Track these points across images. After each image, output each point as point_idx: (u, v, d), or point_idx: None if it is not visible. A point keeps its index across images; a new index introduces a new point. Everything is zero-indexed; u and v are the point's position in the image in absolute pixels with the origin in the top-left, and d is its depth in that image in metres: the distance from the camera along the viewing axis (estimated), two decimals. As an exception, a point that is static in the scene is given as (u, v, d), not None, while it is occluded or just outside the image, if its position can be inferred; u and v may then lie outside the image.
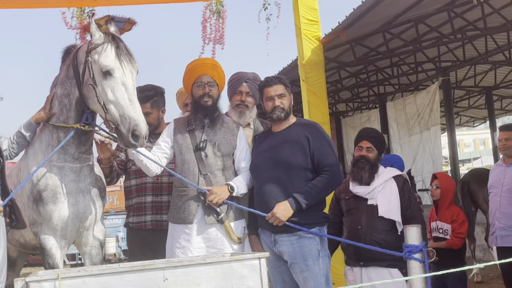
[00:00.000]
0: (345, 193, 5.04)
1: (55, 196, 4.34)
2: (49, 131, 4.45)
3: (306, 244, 4.44)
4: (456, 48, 12.94)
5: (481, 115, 21.18)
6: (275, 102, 4.60)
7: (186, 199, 4.60)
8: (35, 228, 4.45)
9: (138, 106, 4.11)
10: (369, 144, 5.01)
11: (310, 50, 7.61)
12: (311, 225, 4.46)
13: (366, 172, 4.91)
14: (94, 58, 4.17)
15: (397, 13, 9.98)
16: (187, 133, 4.70)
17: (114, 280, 3.13)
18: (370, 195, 4.89)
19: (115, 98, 4.08)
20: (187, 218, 4.57)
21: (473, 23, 10.87)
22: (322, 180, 4.46)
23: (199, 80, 4.73)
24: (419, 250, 4.09)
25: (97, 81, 4.15)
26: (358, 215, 4.89)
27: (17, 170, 4.74)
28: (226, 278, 3.28)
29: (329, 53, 10.67)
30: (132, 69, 4.22)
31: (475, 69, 15.19)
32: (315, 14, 7.64)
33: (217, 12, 5.75)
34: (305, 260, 4.43)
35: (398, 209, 4.80)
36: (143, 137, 4.03)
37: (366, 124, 17.57)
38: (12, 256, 5.27)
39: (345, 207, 5.05)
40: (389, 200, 4.83)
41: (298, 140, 4.53)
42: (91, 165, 4.58)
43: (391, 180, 4.92)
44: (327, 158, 4.51)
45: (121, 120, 4.05)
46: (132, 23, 5.24)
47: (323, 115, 7.46)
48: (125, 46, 4.25)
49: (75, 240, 4.61)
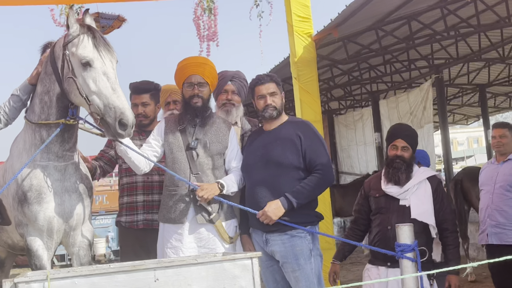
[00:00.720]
0: (376, 191, 4.90)
1: (40, 196, 4.27)
2: (32, 130, 4.38)
3: (298, 244, 4.45)
4: (449, 45, 12.97)
5: (475, 113, 21.25)
6: (267, 101, 4.60)
7: (177, 199, 4.58)
8: (21, 229, 4.39)
9: (122, 94, 4.04)
10: (404, 143, 4.83)
11: (302, 48, 7.62)
12: (303, 225, 4.46)
13: (403, 173, 4.76)
14: (72, 51, 4.11)
15: (390, 10, 9.98)
16: (178, 132, 4.69)
17: (104, 281, 3.12)
18: (403, 195, 4.75)
19: (98, 89, 4.02)
20: (178, 218, 4.56)
21: (466, 20, 10.90)
22: (313, 179, 4.47)
23: (189, 80, 4.71)
24: (411, 249, 4.09)
25: (77, 73, 4.09)
26: (388, 215, 4.74)
27: (2, 171, 4.69)
28: (218, 278, 3.27)
29: (322, 50, 10.66)
30: (111, 59, 4.16)
31: (468, 67, 15.23)
32: (307, 11, 7.65)
33: (208, 9, 5.73)
34: (296, 259, 4.44)
35: (431, 212, 4.69)
36: (130, 125, 3.97)
37: (358, 122, 17.60)
38: (1, 257, 5.26)
39: (374, 205, 4.89)
40: (423, 202, 4.70)
41: (289, 138, 4.53)
42: (76, 163, 4.50)
43: (425, 181, 4.79)
44: (319, 157, 4.51)
45: (106, 110, 3.98)
46: (122, 20, 5.21)
47: (315, 113, 7.47)
48: (101, 36, 4.21)
49: (63, 240, 4.54)
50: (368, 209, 4.95)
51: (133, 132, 4.09)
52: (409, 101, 13.87)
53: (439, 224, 4.69)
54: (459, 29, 11.48)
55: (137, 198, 5.36)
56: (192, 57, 4.89)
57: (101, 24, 5.35)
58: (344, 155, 18.63)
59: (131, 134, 4.07)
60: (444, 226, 4.72)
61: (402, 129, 5.03)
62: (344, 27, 9.43)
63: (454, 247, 4.73)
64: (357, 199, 5.08)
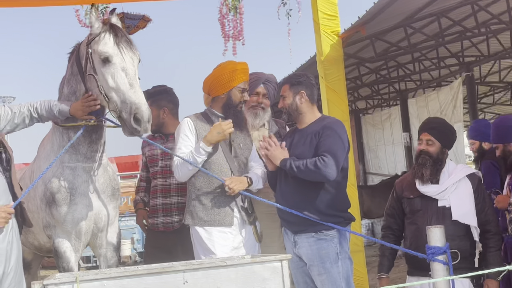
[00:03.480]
0: (410, 192, 4.71)
1: (69, 198, 4.35)
2: (60, 132, 4.46)
3: (324, 247, 4.45)
4: (480, 42, 12.85)
5: (506, 112, 21.00)
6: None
7: (219, 200, 4.60)
8: (49, 231, 4.48)
9: (139, 90, 4.07)
10: (428, 136, 4.66)
11: (329, 46, 7.60)
12: (328, 227, 4.43)
13: (428, 168, 4.58)
14: (94, 48, 4.17)
15: (419, 7, 9.93)
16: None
17: (133, 283, 3.16)
18: (441, 195, 4.55)
19: (116, 85, 4.06)
20: (223, 219, 4.58)
21: (498, 16, 10.79)
22: (312, 161, 4.38)
23: (243, 85, 4.76)
24: (443, 252, 4.04)
25: (97, 70, 4.14)
26: (426, 218, 4.53)
27: (29, 172, 4.77)
28: (247, 281, 3.29)
29: (349, 48, 10.65)
30: (132, 56, 4.20)
31: (500, 64, 15.07)
32: (334, 9, 7.63)
33: (233, 8, 5.77)
34: (322, 262, 4.44)
35: (473, 212, 4.49)
36: (146, 121, 3.98)
37: (386, 122, 17.50)
38: (27, 259, 5.33)
39: (409, 207, 4.69)
40: (464, 202, 4.51)
41: (310, 139, 4.55)
42: (104, 164, 4.58)
43: (465, 179, 4.59)
44: (324, 146, 4.43)
45: (122, 106, 4.02)
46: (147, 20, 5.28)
47: (342, 113, 7.45)
48: (125, 34, 4.26)
49: (90, 242, 4.63)
50: (402, 212, 4.77)
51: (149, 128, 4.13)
52: (439, 100, 13.78)
53: (481, 226, 4.51)
54: (490, 26, 11.37)
55: (157, 201, 5.46)
56: (244, 63, 4.89)
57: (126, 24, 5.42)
58: (372, 156, 18.55)
59: (148, 130, 4.07)
60: (486, 227, 4.53)
61: (429, 122, 4.87)
62: (371, 24, 9.40)
63: (496, 249, 4.55)
64: (389, 201, 4.90)
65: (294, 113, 4.68)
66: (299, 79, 4.70)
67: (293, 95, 4.66)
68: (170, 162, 5.12)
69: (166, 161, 5.41)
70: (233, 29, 5.75)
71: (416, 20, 10.54)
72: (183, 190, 5.05)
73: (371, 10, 8.80)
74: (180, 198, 5.31)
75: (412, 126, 15.47)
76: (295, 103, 4.65)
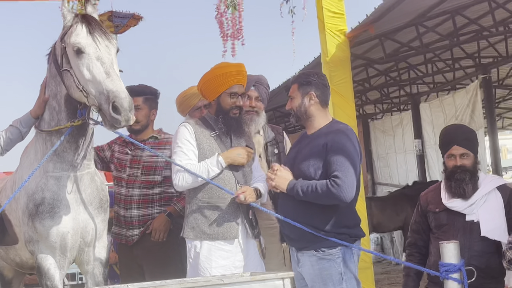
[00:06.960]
0: (435, 205, 4.65)
1: (53, 210, 4.31)
2: (43, 139, 4.41)
3: (326, 267, 4.38)
4: (498, 42, 12.87)
5: (527, 117, 21.04)
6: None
7: (222, 212, 4.58)
8: (32, 246, 4.43)
9: (117, 78, 3.99)
10: (462, 149, 4.56)
11: (335, 46, 7.61)
12: (330, 246, 4.36)
13: (468, 183, 4.48)
14: (67, 42, 4.13)
15: (432, 4, 9.93)
16: (213, 139, 4.72)
17: (123, 303, 3.15)
18: (469, 209, 4.49)
19: (92, 76, 3.99)
20: (227, 232, 4.57)
21: (517, 14, 10.84)
22: (323, 185, 4.29)
23: (233, 90, 4.73)
24: (458, 269, 4.01)
25: (72, 63, 4.09)
26: (453, 233, 4.47)
27: (11, 183, 4.73)
28: (245, 301, 3.26)
29: (356, 49, 10.64)
30: (108, 44, 4.13)
31: (519, 66, 15.11)
32: (340, 6, 7.63)
33: (232, 5, 5.76)
34: (325, 284, 4.38)
35: (505, 228, 4.40)
36: (126, 108, 3.86)
37: (398, 128, 17.44)
38: (8, 276, 5.32)
39: (434, 221, 4.64)
40: (494, 217, 4.43)
41: (317, 150, 4.44)
42: (92, 173, 4.54)
43: (495, 191, 4.52)
44: (335, 164, 4.32)
45: (100, 97, 3.93)
46: (138, 19, 5.30)
47: (349, 118, 7.44)
48: (98, 23, 4.21)
49: (76, 258, 4.59)
50: (428, 227, 4.71)
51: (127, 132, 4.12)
52: (455, 104, 13.77)
53: None
54: (509, 24, 11.39)
55: (120, 211, 5.50)
56: (236, 64, 4.88)
57: (115, 23, 5.43)
58: (382, 164, 18.47)
59: (130, 119, 3.93)
60: None
61: (457, 133, 4.70)
62: (381, 23, 9.40)
63: None
64: (414, 217, 4.84)
65: (302, 116, 4.58)
66: (309, 78, 4.59)
67: (301, 96, 4.56)
68: (137, 171, 5.30)
69: (133, 170, 5.41)
70: (232, 28, 5.75)
71: (429, 18, 10.55)
72: (145, 202, 5.26)
73: (380, 8, 8.79)
74: (141, 211, 5.35)
75: (425, 132, 15.46)
76: (303, 105, 4.55)
